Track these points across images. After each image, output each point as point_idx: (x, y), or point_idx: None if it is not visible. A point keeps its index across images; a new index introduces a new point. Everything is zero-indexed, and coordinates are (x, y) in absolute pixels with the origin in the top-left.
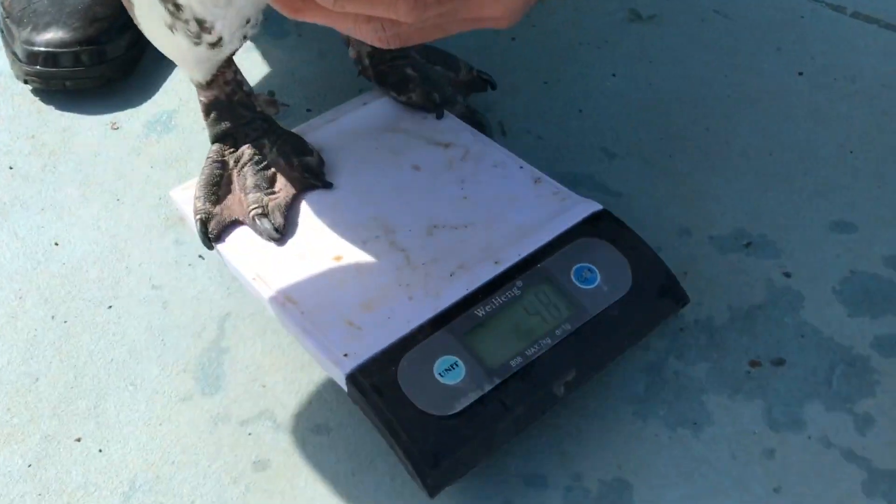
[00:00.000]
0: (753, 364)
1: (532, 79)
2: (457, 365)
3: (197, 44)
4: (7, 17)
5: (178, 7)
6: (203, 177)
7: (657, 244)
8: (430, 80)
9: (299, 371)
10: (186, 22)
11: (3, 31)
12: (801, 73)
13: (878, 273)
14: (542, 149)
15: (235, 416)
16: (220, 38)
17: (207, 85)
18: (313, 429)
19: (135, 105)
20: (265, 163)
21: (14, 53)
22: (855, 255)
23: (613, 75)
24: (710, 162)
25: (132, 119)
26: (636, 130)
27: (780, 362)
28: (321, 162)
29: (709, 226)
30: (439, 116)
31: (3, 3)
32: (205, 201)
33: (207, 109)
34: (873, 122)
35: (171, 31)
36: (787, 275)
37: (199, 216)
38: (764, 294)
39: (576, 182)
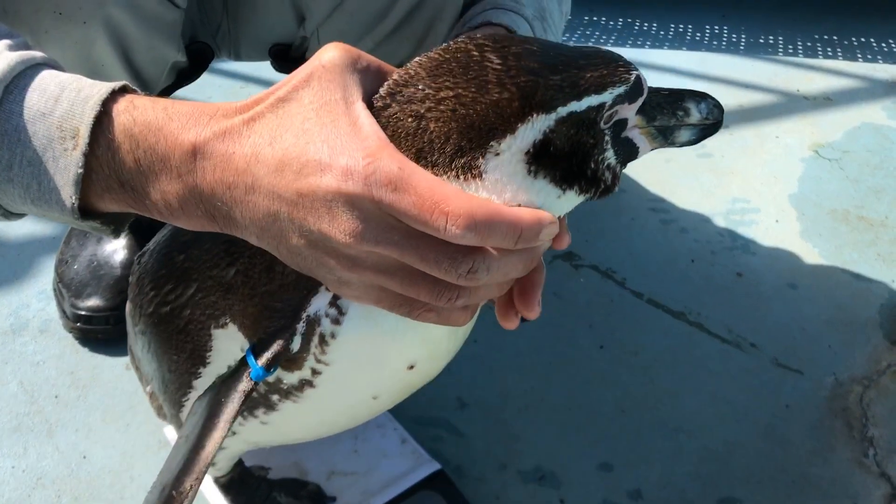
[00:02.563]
0: None
1: None
2: None
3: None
4: (60, 282)
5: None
6: None
7: (481, 474)
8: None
9: None
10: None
11: (56, 291)
12: (602, 347)
13: (620, 503)
14: (418, 397)
15: None
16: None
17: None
18: None
19: None
20: None
21: (63, 310)
22: (609, 488)
23: (475, 341)
24: (528, 413)
25: None
26: (483, 387)
27: None
28: (318, 486)
29: (518, 462)
30: None
31: (57, 270)
32: None
33: (226, 489)
34: (642, 389)
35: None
36: (562, 501)
37: None
38: None
39: (436, 423)
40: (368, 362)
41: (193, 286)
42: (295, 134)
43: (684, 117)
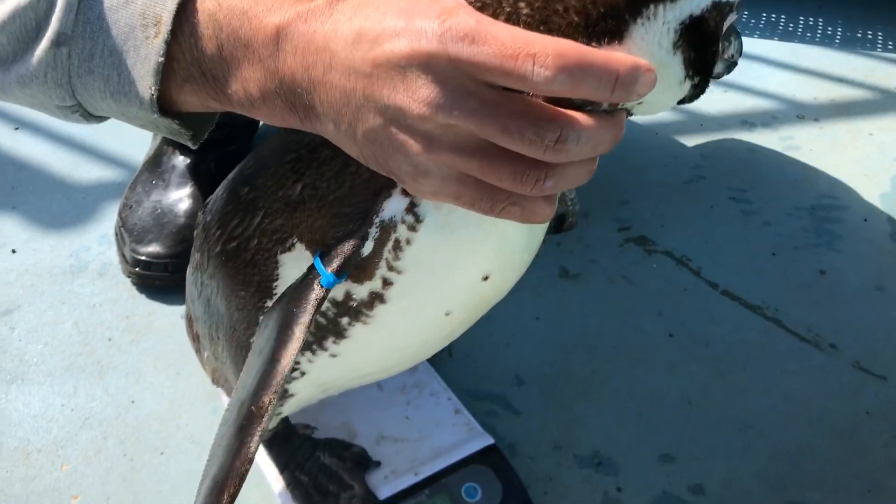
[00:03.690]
0: None
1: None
2: None
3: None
4: (122, 227)
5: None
6: (298, 497)
7: (535, 454)
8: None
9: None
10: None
11: (117, 236)
12: (671, 335)
13: (681, 496)
14: (474, 370)
15: None
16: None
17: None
18: None
19: None
20: (327, 467)
21: (123, 254)
22: (669, 480)
23: (537, 318)
24: (587, 396)
25: None
26: (543, 365)
27: None
28: (363, 448)
29: (575, 445)
30: None
31: (120, 214)
32: None
33: (269, 445)
34: (711, 382)
35: None
36: (619, 489)
37: None
38: (600, 501)
39: (491, 398)
40: (443, 272)
41: (260, 214)
42: (376, 7)
43: (726, 50)
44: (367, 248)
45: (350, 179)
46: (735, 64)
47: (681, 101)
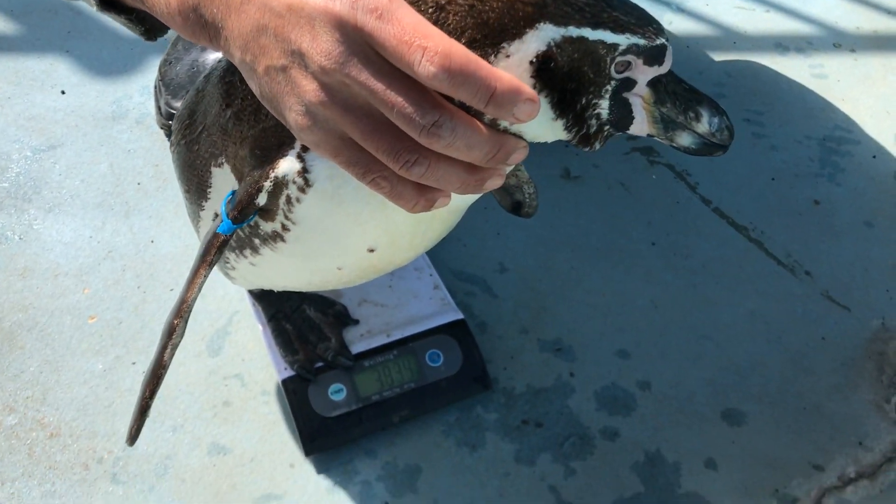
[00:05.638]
0: (524, 422)
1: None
2: (342, 390)
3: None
4: (161, 80)
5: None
6: (280, 343)
7: (503, 334)
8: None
9: (265, 357)
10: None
11: (156, 88)
12: (653, 244)
13: (628, 389)
14: (463, 253)
15: (221, 372)
16: None
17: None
18: (260, 391)
19: None
20: (311, 319)
21: (159, 107)
22: (620, 374)
23: None
24: (563, 290)
25: None
26: (527, 257)
27: (539, 425)
28: (345, 307)
29: (540, 331)
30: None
31: (160, 68)
32: (292, 357)
33: (258, 298)
34: (682, 292)
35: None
36: (572, 374)
37: (302, 369)
38: (552, 382)
39: (473, 280)
40: (330, 235)
41: (202, 125)
42: None
43: (693, 121)
44: (262, 199)
45: (264, 121)
46: (715, 145)
47: (575, 144)
